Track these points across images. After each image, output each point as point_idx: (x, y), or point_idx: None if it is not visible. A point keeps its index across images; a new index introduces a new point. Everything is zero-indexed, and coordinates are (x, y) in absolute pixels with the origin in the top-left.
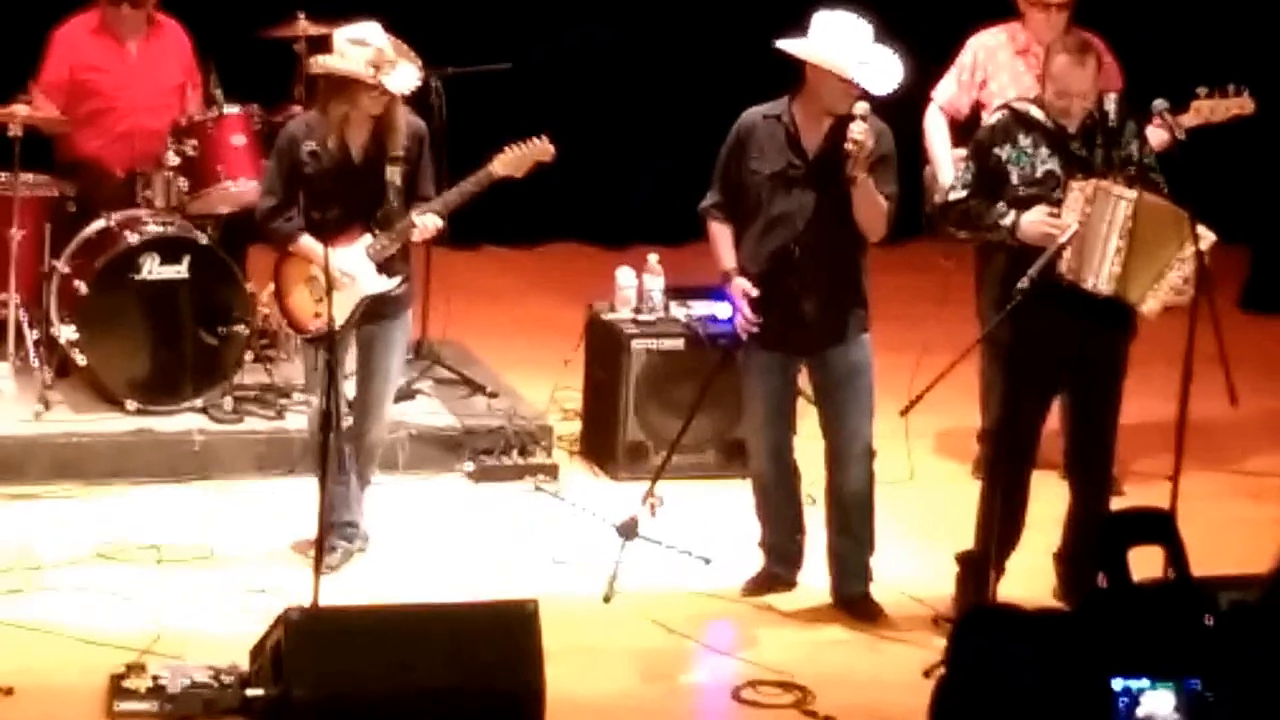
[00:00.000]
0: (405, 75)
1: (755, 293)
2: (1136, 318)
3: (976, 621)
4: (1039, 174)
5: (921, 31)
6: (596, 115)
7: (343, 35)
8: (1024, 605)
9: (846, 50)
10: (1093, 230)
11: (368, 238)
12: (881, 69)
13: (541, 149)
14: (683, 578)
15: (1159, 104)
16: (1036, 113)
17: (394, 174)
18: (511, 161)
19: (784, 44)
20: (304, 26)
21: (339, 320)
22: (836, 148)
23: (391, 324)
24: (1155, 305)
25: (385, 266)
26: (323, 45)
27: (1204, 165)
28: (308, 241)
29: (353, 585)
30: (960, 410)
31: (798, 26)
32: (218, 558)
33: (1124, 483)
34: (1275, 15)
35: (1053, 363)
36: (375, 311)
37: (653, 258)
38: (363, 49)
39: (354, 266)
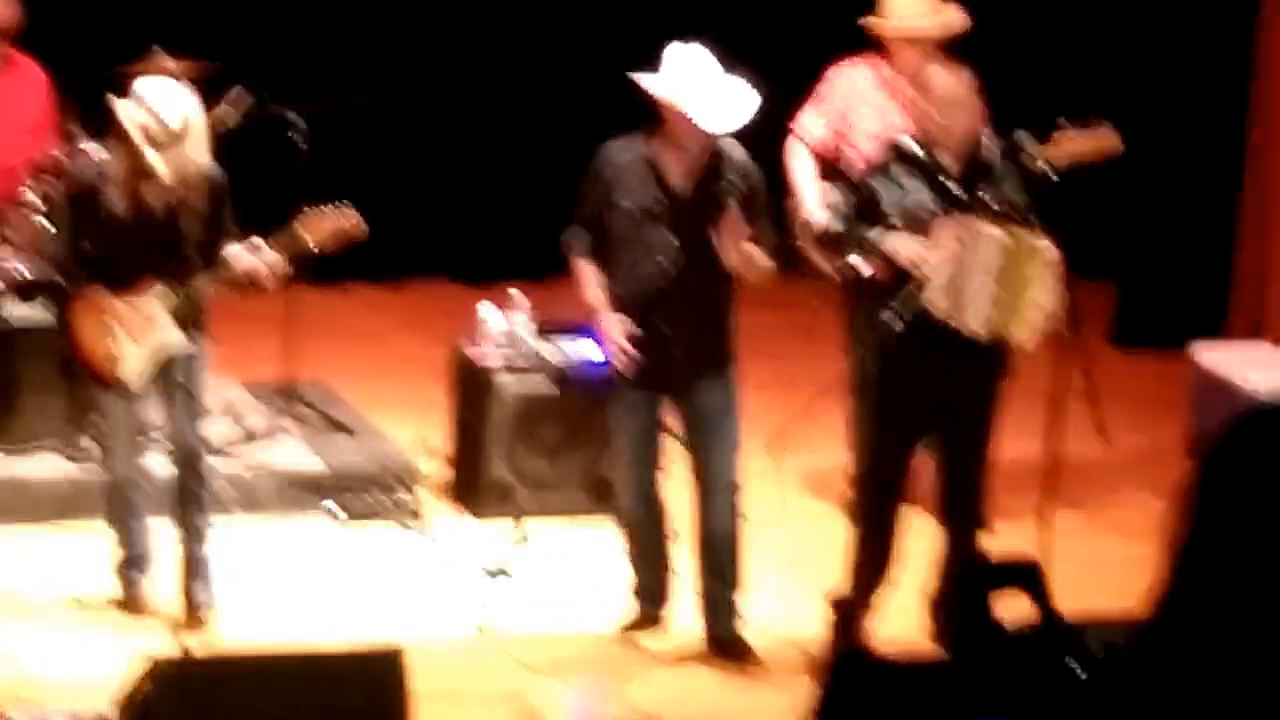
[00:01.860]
0: (178, 158)
1: (632, 329)
2: (1009, 356)
3: (843, 668)
4: (915, 208)
5: (781, 62)
6: (462, 151)
7: (140, 90)
8: (892, 651)
9: (695, 85)
10: (966, 266)
11: (161, 288)
12: (732, 103)
13: (353, 221)
14: (552, 619)
15: (1026, 137)
16: (913, 146)
17: (190, 225)
18: (315, 227)
19: (637, 77)
20: (163, 64)
21: (137, 372)
22: (700, 183)
23: (188, 355)
24: (1027, 337)
25: (183, 320)
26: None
27: (1068, 200)
28: (100, 289)
29: (219, 630)
30: (830, 448)
31: (657, 59)
32: (80, 602)
33: (995, 520)
34: (1136, 52)
35: (922, 402)
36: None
37: (517, 294)
38: (143, 115)
39: (145, 318)
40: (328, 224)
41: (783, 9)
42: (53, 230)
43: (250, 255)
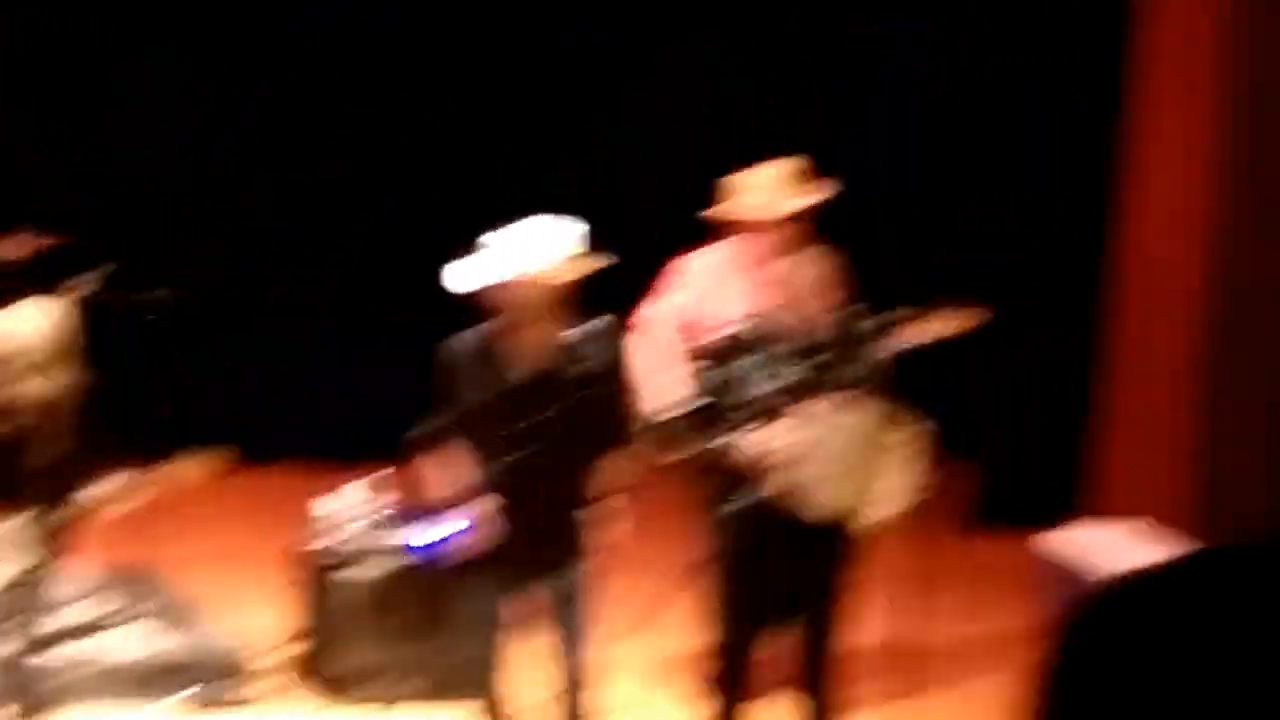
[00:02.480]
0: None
1: (485, 515)
2: (859, 539)
3: None
4: (769, 391)
5: (628, 251)
6: (305, 333)
7: None
8: None
9: (507, 261)
10: (819, 449)
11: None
12: (483, 264)
13: (214, 464)
14: None
15: (884, 316)
16: (765, 329)
17: (41, 452)
18: (182, 473)
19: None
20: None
21: None
22: (548, 370)
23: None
24: (882, 520)
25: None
26: None
27: (924, 380)
28: None
29: None
30: (684, 634)
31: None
32: None
33: (851, 702)
34: (1000, 231)
35: (774, 585)
36: None
37: (364, 479)
38: None
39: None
40: (198, 470)
41: (632, 197)
42: None
43: (111, 492)
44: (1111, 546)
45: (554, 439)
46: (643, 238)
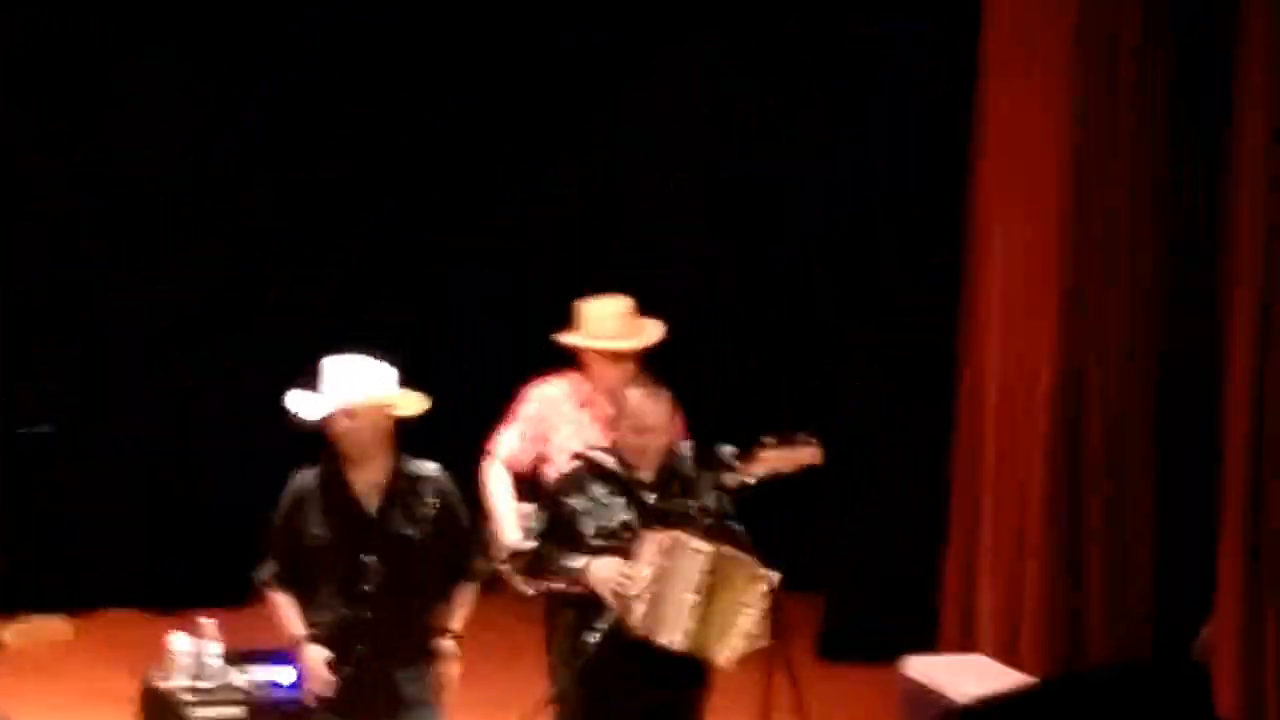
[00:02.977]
0: None
1: (329, 659)
2: (711, 671)
3: None
4: (614, 525)
5: (480, 377)
6: (148, 476)
7: None
8: None
9: (337, 394)
10: (667, 584)
11: None
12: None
13: (57, 630)
14: None
15: (727, 451)
16: (610, 462)
17: None
18: (20, 636)
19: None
20: None
21: None
22: (389, 501)
23: None
24: (731, 655)
25: None
26: None
27: (772, 512)
28: None
29: None
30: None
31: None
32: None
33: None
34: (841, 365)
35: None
36: None
37: (208, 622)
38: None
39: None
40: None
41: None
42: None
43: None
44: (967, 674)
45: (401, 573)
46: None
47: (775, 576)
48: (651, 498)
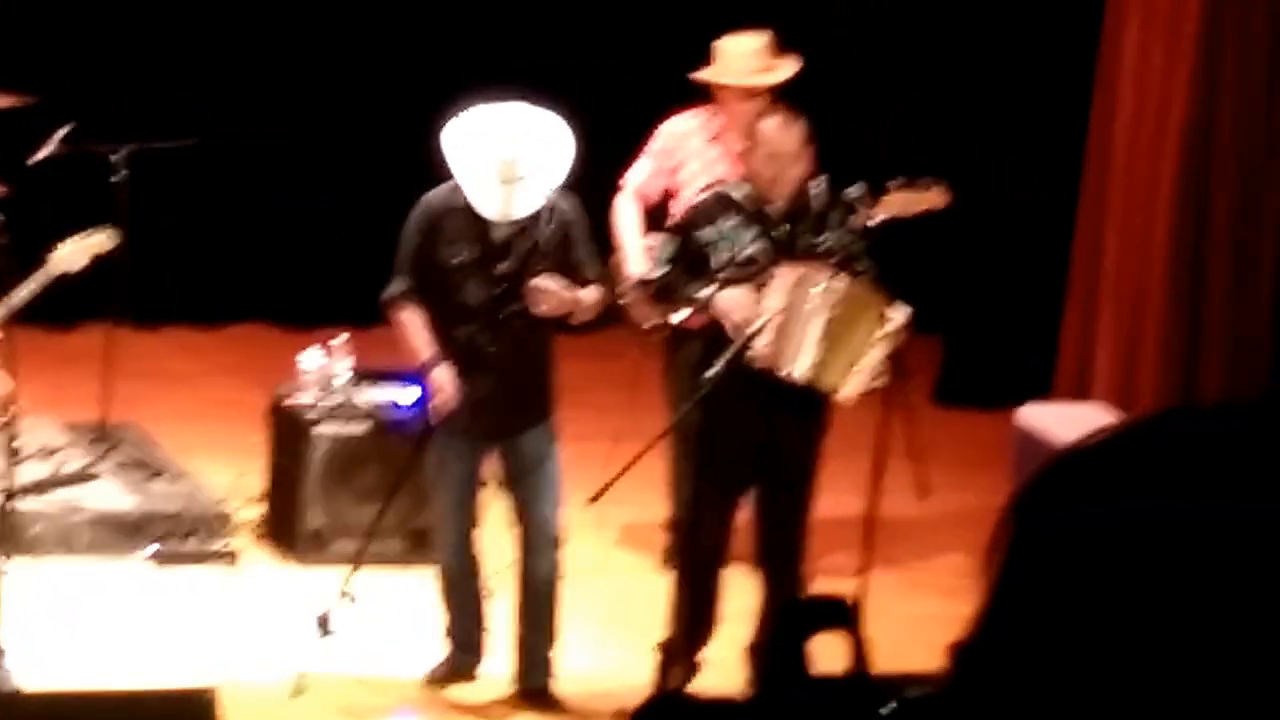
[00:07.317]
0: None
1: (455, 377)
2: (830, 409)
3: (652, 711)
4: (742, 258)
5: (612, 115)
6: (283, 194)
7: None
8: (703, 695)
9: (485, 166)
10: (795, 315)
11: None
12: (520, 191)
13: (99, 242)
14: (366, 666)
15: (853, 191)
16: (741, 194)
17: None
18: (68, 257)
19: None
20: None
21: None
22: (522, 232)
23: None
24: (852, 391)
25: None
26: None
27: (898, 254)
28: None
29: (29, 671)
30: (650, 500)
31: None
32: None
33: (814, 575)
34: (970, 105)
35: (743, 454)
36: None
37: (339, 339)
38: None
39: None
40: (85, 250)
41: (612, 62)
42: None
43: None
44: (1080, 424)
45: (519, 301)
46: (633, 97)
47: (905, 313)
48: (782, 230)
